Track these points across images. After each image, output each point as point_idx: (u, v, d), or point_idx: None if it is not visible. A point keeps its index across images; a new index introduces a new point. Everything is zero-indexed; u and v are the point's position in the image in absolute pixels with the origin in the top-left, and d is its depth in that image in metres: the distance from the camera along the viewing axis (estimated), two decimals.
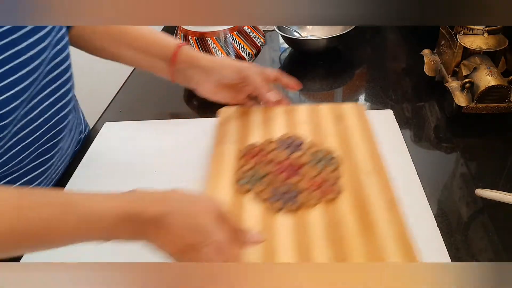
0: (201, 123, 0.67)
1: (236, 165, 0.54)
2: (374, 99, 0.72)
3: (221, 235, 0.36)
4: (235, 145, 0.57)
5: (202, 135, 0.63)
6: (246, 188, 0.50)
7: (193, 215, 0.36)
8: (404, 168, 0.54)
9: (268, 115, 0.62)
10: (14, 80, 0.45)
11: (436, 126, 0.64)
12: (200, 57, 0.61)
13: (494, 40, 0.62)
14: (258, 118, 0.62)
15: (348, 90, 0.77)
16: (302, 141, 0.56)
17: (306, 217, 0.46)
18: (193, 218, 0.36)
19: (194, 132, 0.64)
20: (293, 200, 0.47)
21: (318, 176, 0.50)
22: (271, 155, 0.54)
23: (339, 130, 0.58)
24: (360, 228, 0.44)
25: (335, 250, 0.42)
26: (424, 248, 0.42)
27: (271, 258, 0.42)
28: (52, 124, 0.54)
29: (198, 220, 0.36)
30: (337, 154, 0.54)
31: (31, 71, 0.47)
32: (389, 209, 0.45)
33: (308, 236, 0.44)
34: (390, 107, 0.66)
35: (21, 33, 0.45)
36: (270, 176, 0.51)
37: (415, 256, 0.41)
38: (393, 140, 0.59)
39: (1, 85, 0.44)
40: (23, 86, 0.46)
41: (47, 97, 0.52)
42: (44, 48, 0.49)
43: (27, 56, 0.46)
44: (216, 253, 0.35)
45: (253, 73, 0.59)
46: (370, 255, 0.41)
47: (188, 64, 0.60)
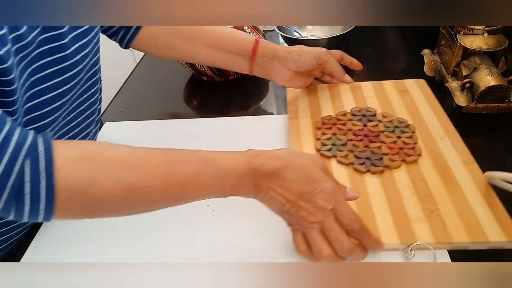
0: (201, 123, 0.67)
1: (314, 135, 0.58)
2: None
3: (329, 182, 0.41)
4: (308, 118, 0.62)
5: (202, 135, 0.63)
6: (329, 154, 0.54)
7: (305, 167, 0.41)
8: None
9: (334, 92, 0.67)
10: (60, 82, 0.46)
11: None
12: (277, 49, 0.63)
13: (494, 40, 0.62)
14: (326, 94, 0.67)
15: None
16: (375, 112, 0.61)
17: (392, 177, 0.50)
18: (305, 169, 0.41)
19: (194, 132, 0.64)
20: (378, 163, 0.51)
21: (397, 141, 0.55)
22: (348, 124, 0.59)
23: (406, 102, 0.63)
24: (445, 184, 0.48)
25: (425, 202, 0.46)
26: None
27: (368, 212, 0.46)
28: (82, 128, 0.55)
29: (309, 170, 0.41)
30: (410, 122, 0.58)
31: (75, 74, 0.48)
32: (467, 169, 0.50)
33: (398, 192, 0.48)
34: None
35: (70, 38, 0.46)
36: (350, 143, 0.55)
37: (502, 207, 0.45)
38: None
39: (49, 85, 0.45)
40: (67, 88, 0.47)
41: (84, 102, 0.54)
42: (87, 54, 0.50)
43: (73, 60, 0.47)
44: (327, 198, 0.40)
45: (330, 58, 0.65)
46: (459, 209, 0.45)
47: (267, 57, 0.63)
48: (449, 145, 0.54)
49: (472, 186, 0.48)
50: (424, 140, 0.55)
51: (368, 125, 0.58)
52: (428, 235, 0.42)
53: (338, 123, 0.59)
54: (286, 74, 0.63)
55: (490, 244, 0.42)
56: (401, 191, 0.48)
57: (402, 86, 0.67)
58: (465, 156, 0.52)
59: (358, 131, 0.57)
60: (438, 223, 0.43)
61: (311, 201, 0.40)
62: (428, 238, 0.42)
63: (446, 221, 0.44)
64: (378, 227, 0.44)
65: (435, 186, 0.48)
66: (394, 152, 0.53)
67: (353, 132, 0.57)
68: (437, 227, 0.43)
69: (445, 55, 0.69)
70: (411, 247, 0.42)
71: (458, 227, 0.43)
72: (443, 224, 0.43)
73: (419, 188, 0.48)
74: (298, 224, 0.41)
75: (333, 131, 0.58)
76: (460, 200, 0.46)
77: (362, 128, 0.58)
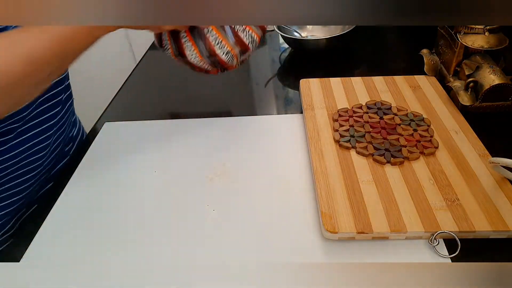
0: (201, 123, 0.66)
1: (332, 126, 0.59)
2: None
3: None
4: (324, 110, 0.63)
5: (202, 135, 0.63)
6: (348, 145, 0.55)
7: None
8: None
9: (347, 85, 0.69)
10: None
11: None
12: None
13: (495, 38, 0.62)
14: (339, 87, 0.69)
15: None
16: (390, 106, 0.62)
17: (411, 168, 0.51)
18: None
19: (194, 132, 0.64)
20: (398, 154, 0.53)
21: (414, 134, 0.56)
22: (364, 117, 0.60)
23: (418, 96, 0.65)
24: (463, 175, 0.50)
25: (446, 193, 0.47)
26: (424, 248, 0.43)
27: (391, 201, 0.47)
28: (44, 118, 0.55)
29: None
30: (424, 116, 0.60)
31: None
32: (483, 161, 0.51)
33: (419, 183, 0.49)
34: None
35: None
36: (369, 135, 0.57)
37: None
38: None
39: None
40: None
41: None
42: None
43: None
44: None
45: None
46: (479, 199, 0.46)
47: None
48: (464, 139, 0.55)
49: (489, 177, 0.49)
50: (439, 133, 0.57)
51: (384, 118, 0.60)
52: (451, 224, 0.43)
53: (354, 116, 0.61)
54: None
55: (511, 233, 0.43)
56: (422, 181, 0.49)
57: (414, 81, 0.69)
58: (480, 149, 0.53)
59: (375, 123, 0.59)
60: (460, 213, 0.45)
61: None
62: (451, 227, 0.43)
63: (467, 210, 0.45)
64: (402, 216, 0.44)
65: (454, 177, 0.50)
66: (412, 144, 0.54)
67: (370, 125, 0.59)
68: (459, 216, 0.44)
69: (445, 54, 0.69)
70: (435, 235, 0.43)
71: (479, 216, 0.44)
72: (465, 213, 0.44)
73: (438, 179, 0.49)
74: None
75: (351, 123, 0.59)
76: (479, 191, 0.47)
77: (379, 121, 0.59)
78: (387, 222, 0.44)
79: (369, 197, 0.47)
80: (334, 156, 0.54)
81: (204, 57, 0.57)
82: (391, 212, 0.45)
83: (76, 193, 0.55)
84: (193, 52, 0.56)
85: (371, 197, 0.47)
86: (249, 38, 0.56)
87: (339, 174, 0.51)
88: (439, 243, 0.43)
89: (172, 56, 0.60)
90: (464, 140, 0.55)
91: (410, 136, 0.56)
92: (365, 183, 0.49)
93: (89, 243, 0.48)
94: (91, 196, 0.54)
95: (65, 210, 0.52)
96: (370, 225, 0.44)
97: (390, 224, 0.43)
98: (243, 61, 0.62)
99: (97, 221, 0.50)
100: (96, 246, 0.47)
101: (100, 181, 0.56)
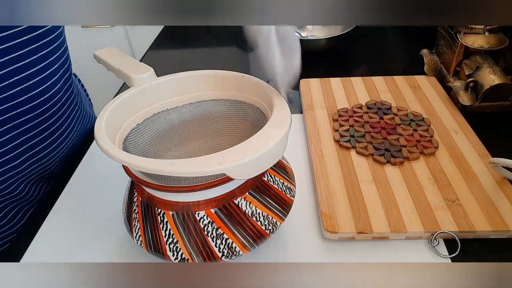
0: None
1: (332, 126, 0.59)
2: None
3: None
4: (324, 110, 0.63)
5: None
6: (348, 145, 0.55)
7: None
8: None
9: (347, 85, 0.69)
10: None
11: None
12: None
13: (495, 38, 0.62)
14: (339, 87, 0.69)
15: None
16: (390, 106, 0.62)
17: (411, 168, 0.51)
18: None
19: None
20: (398, 154, 0.53)
21: (414, 134, 0.56)
22: (364, 117, 0.60)
23: (418, 96, 0.65)
24: (463, 176, 0.50)
25: (446, 193, 0.47)
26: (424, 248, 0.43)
27: (391, 201, 0.47)
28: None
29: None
30: (424, 116, 0.60)
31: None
32: (483, 162, 0.51)
33: (419, 183, 0.49)
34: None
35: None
36: (369, 135, 0.57)
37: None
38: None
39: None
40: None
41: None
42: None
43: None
44: None
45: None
46: (479, 199, 0.46)
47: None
48: (464, 139, 0.56)
49: (489, 177, 0.49)
50: (439, 133, 0.57)
51: (384, 118, 0.60)
52: (451, 224, 0.43)
53: (354, 116, 0.61)
54: None
55: (511, 233, 0.43)
56: (422, 181, 0.49)
57: (414, 81, 0.69)
58: (481, 150, 0.54)
59: (375, 123, 0.59)
60: (460, 213, 0.45)
61: None
62: (451, 227, 0.43)
63: (467, 210, 0.45)
64: (402, 216, 0.45)
65: (454, 177, 0.50)
66: (412, 144, 0.55)
67: (370, 125, 0.59)
68: (459, 216, 0.44)
69: (445, 54, 0.69)
70: (435, 235, 0.43)
71: (479, 217, 0.44)
72: (465, 213, 0.44)
73: (438, 179, 0.50)
74: None
75: (351, 123, 0.59)
76: (479, 191, 0.47)
77: (379, 121, 0.59)
78: (387, 222, 0.44)
79: (369, 197, 0.47)
80: (334, 156, 0.54)
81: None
82: (391, 212, 0.45)
83: (76, 193, 0.55)
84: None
85: (371, 197, 0.47)
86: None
87: (339, 174, 0.51)
88: (439, 243, 0.43)
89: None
90: (464, 140, 0.55)
91: (410, 136, 0.56)
92: (365, 183, 0.49)
93: (89, 243, 0.48)
94: (91, 196, 0.54)
95: (65, 210, 0.52)
96: (370, 225, 0.44)
97: (390, 224, 0.43)
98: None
99: (97, 221, 0.50)
100: (96, 247, 0.47)
101: (100, 180, 0.56)
